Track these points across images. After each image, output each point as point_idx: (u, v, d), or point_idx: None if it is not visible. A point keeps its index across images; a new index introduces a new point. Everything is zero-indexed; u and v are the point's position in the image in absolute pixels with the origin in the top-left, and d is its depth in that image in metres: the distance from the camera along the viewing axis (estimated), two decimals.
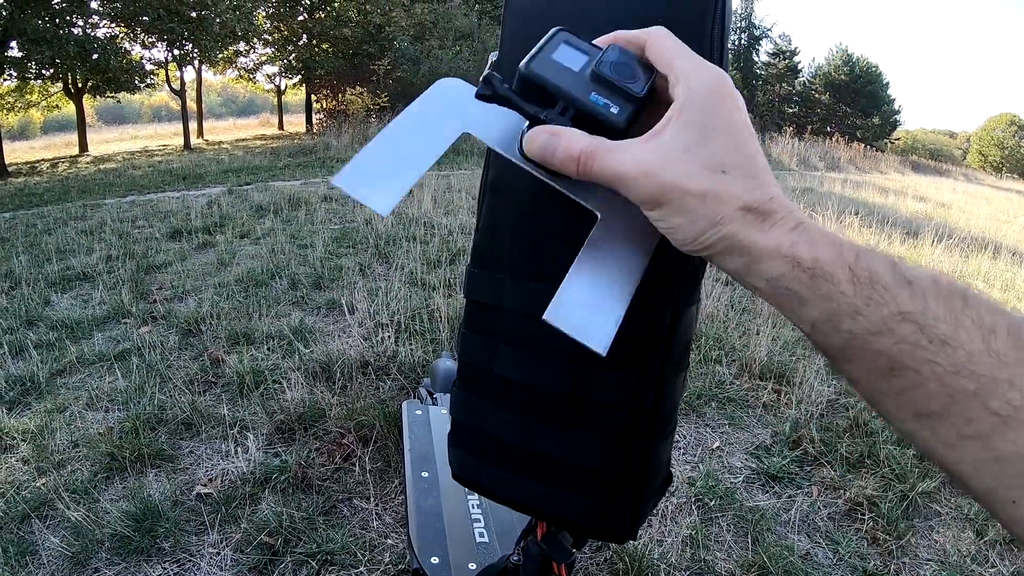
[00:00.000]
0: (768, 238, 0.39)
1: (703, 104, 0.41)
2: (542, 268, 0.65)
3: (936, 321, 0.34)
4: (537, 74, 0.43)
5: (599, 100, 0.43)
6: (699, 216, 0.40)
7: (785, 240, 0.39)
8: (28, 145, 25.63)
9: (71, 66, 17.18)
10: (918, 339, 0.34)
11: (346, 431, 2.63)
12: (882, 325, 0.35)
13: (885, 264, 0.36)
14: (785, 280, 0.39)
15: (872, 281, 0.36)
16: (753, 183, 0.40)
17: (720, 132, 0.41)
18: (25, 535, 2.17)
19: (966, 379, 0.33)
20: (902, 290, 0.35)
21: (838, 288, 0.37)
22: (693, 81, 0.41)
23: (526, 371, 0.68)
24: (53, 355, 3.49)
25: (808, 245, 0.38)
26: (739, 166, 0.40)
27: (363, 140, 15.24)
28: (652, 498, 0.71)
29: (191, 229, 6.34)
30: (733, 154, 0.40)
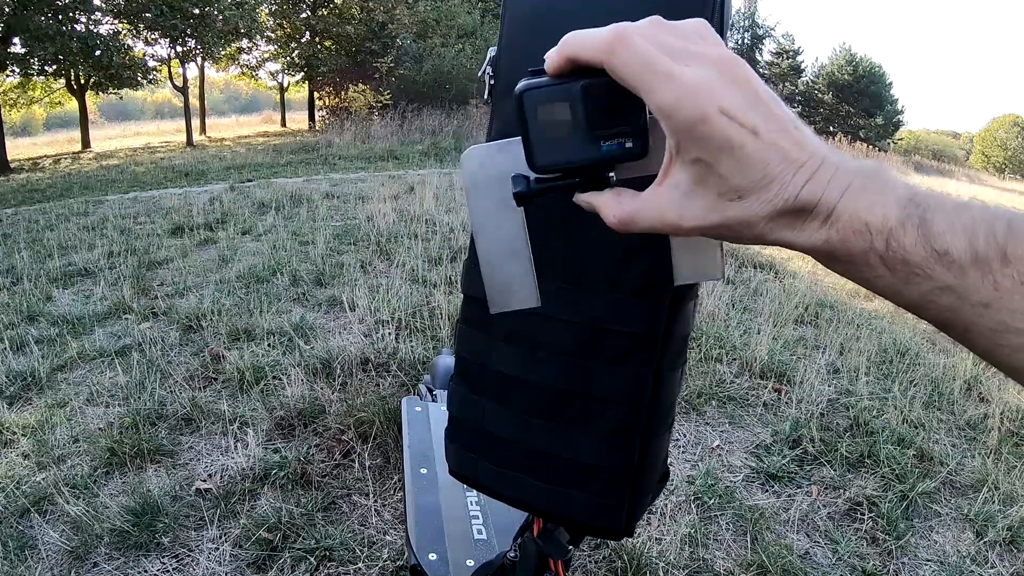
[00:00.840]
0: (802, 238, 0.38)
1: (694, 138, 0.38)
2: (543, 264, 0.65)
3: (975, 288, 0.34)
4: (547, 164, 0.43)
5: (611, 147, 0.42)
6: (737, 236, 0.41)
7: (817, 238, 0.38)
8: (31, 141, 25.64)
9: (74, 63, 17.21)
10: (959, 307, 0.35)
11: (346, 427, 2.63)
12: (922, 299, 0.36)
13: (917, 238, 0.35)
14: (831, 264, 0.39)
15: (905, 263, 0.36)
16: (773, 191, 0.38)
17: (723, 159, 0.38)
18: (25, 529, 2.17)
19: (1012, 335, 0.34)
20: (936, 265, 0.35)
21: (876, 272, 0.37)
22: (675, 117, 0.38)
23: (524, 367, 0.68)
24: (54, 351, 3.49)
25: (840, 240, 0.37)
26: (753, 184, 0.38)
27: (365, 138, 15.27)
28: (649, 495, 0.71)
29: (193, 225, 6.34)
30: (744, 175, 0.38)
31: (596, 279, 0.63)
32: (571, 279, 0.64)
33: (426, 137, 15.59)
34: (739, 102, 0.38)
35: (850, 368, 3.41)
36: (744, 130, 0.37)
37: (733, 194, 0.38)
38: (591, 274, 0.63)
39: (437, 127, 16.49)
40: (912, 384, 3.27)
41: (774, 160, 0.38)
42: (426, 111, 17.49)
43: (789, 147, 0.38)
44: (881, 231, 0.36)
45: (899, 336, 3.96)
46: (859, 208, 0.37)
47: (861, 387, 3.19)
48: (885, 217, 0.36)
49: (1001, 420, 2.92)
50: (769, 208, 0.38)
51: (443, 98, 18.60)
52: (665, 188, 0.41)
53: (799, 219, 0.38)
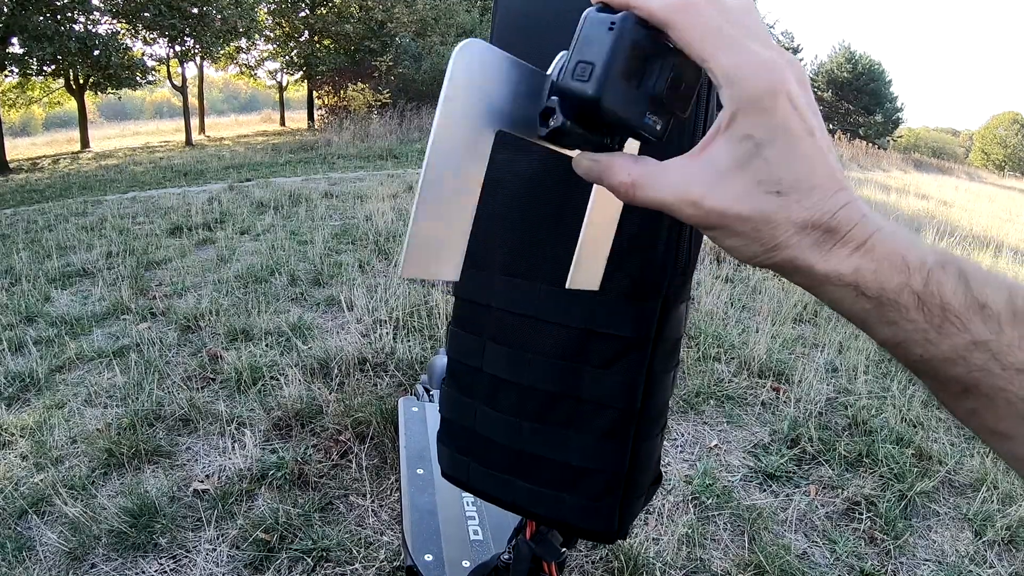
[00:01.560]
0: (828, 263, 0.35)
1: (755, 111, 0.35)
2: (533, 266, 0.65)
3: (1011, 349, 0.32)
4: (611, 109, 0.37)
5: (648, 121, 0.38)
6: (752, 240, 0.37)
7: (847, 265, 0.35)
8: (30, 141, 25.63)
9: (72, 63, 17.21)
10: (992, 367, 0.33)
11: (343, 428, 2.63)
12: (953, 353, 0.34)
13: (957, 286, 0.34)
14: (848, 303, 0.36)
15: (943, 308, 0.33)
16: (814, 198, 0.35)
17: (776, 143, 0.35)
18: (23, 531, 2.17)
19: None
20: (974, 316, 0.33)
21: (906, 316, 0.34)
22: (742, 86, 0.35)
23: (514, 370, 0.67)
24: (52, 351, 3.49)
25: (873, 272, 0.35)
26: (797, 181, 0.35)
27: (364, 136, 15.25)
28: (641, 497, 0.71)
29: (191, 225, 6.34)
30: (790, 168, 0.35)
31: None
32: (561, 281, 0.63)
33: (425, 136, 15.47)
34: (803, 99, 0.36)
35: (849, 367, 3.40)
36: (804, 125, 0.35)
37: (773, 186, 0.35)
38: None
39: None
40: (911, 383, 3.26)
41: (821, 169, 0.35)
42: (425, 110, 17.47)
43: (835, 167, 0.36)
44: (920, 269, 0.34)
45: None
46: (896, 244, 0.35)
47: (860, 386, 3.19)
48: (923, 258, 0.34)
49: None
50: (804, 215, 0.35)
51: None
52: (700, 161, 0.37)
53: (829, 239, 0.35)
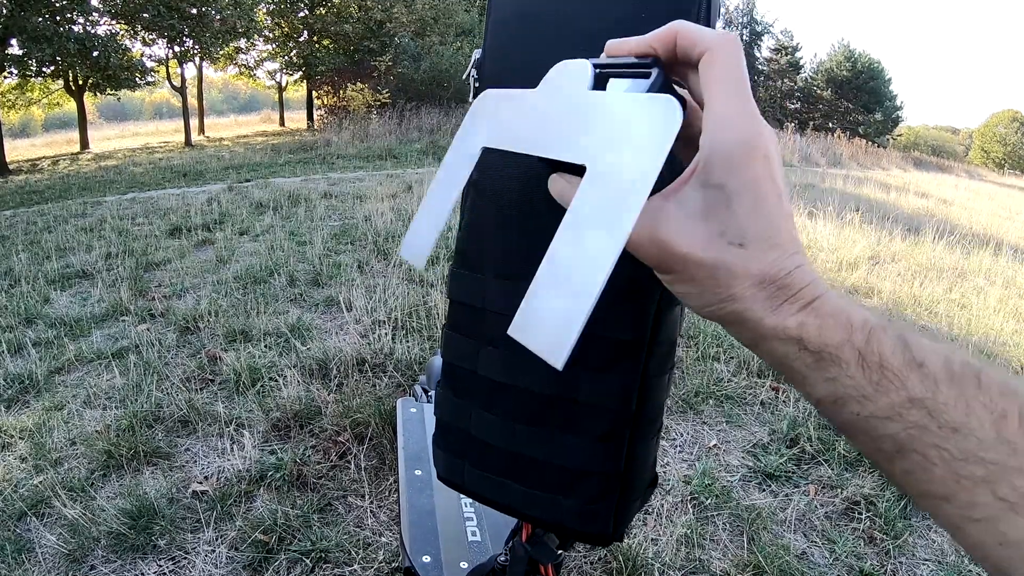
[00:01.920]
0: (776, 317, 0.37)
1: (728, 163, 0.36)
2: (527, 268, 0.65)
3: (947, 407, 0.33)
4: None
5: None
6: (707, 289, 0.38)
7: (792, 321, 0.36)
8: (29, 142, 25.61)
9: (71, 64, 17.20)
10: (927, 424, 0.33)
11: (342, 429, 2.63)
12: (890, 410, 0.34)
13: (896, 346, 0.35)
14: (790, 360, 0.37)
15: (882, 366, 0.34)
16: (774, 255, 0.37)
17: (744, 196, 0.36)
18: (22, 533, 2.17)
19: (975, 465, 0.32)
20: (912, 374, 0.34)
21: (845, 372, 0.35)
22: (722, 133, 0.37)
23: (510, 373, 0.67)
24: (51, 353, 3.49)
25: (817, 327, 0.36)
26: (760, 237, 0.37)
27: (363, 136, 15.27)
28: (638, 500, 0.70)
29: (191, 226, 6.34)
30: (756, 223, 0.36)
31: None
32: None
33: (424, 136, 15.59)
34: (776, 160, 0.37)
35: None
36: (773, 186, 0.37)
37: (737, 238, 0.37)
38: None
39: (435, 125, 16.49)
40: None
41: (782, 230, 0.37)
42: (424, 109, 17.48)
43: (794, 232, 0.38)
44: (862, 327, 0.35)
45: None
46: (841, 305, 0.36)
47: None
48: (865, 318, 0.36)
49: None
50: (763, 269, 0.37)
51: (441, 96, 18.59)
52: (671, 203, 0.38)
53: (781, 295, 0.37)
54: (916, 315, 4.52)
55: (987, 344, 3.81)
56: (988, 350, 3.72)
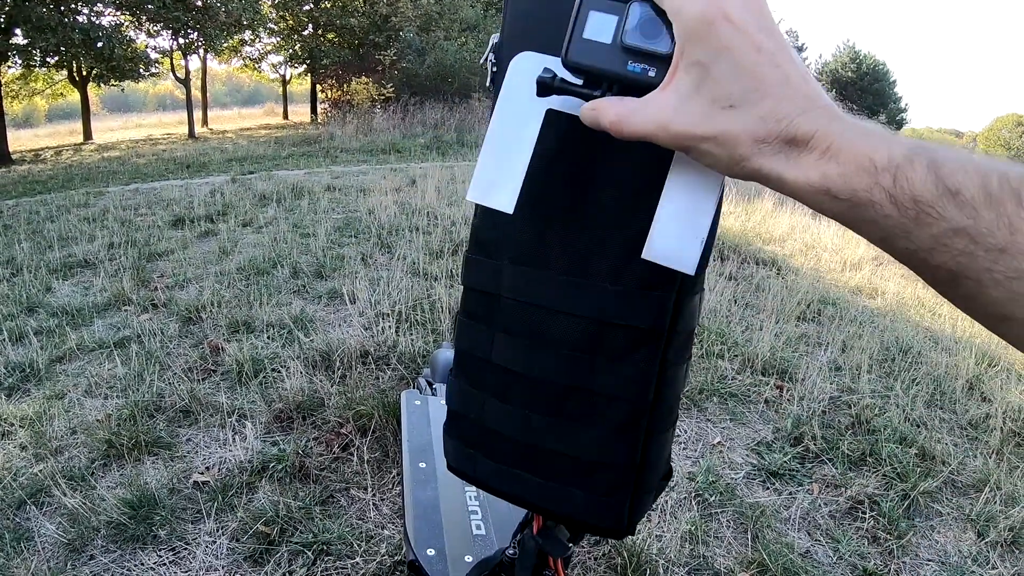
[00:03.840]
0: (797, 171, 0.38)
1: (696, 38, 0.39)
2: (545, 255, 0.63)
3: (990, 230, 0.32)
4: (576, 63, 0.46)
5: (636, 68, 0.44)
6: (719, 157, 0.40)
7: (814, 172, 0.37)
8: (32, 133, 25.61)
9: (75, 54, 17.17)
10: (973, 250, 0.33)
11: (345, 421, 2.62)
12: (934, 242, 0.34)
13: (927, 177, 0.34)
14: (826, 206, 0.38)
15: (916, 200, 0.34)
16: (766, 106, 0.38)
17: (720, 62, 0.38)
18: (21, 521, 2.16)
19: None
20: (948, 204, 0.33)
21: (882, 212, 0.35)
22: (684, 15, 0.39)
23: (525, 361, 0.66)
24: (53, 342, 3.48)
25: (840, 175, 0.36)
26: (746, 92, 0.38)
27: (367, 130, 15.25)
28: (652, 493, 0.69)
29: (194, 217, 6.33)
30: (738, 81, 0.38)
31: (601, 271, 0.61)
32: (575, 271, 0.62)
33: (428, 130, 15.56)
34: (747, 18, 0.38)
35: (852, 366, 3.39)
36: (746, 40, 0.38)
37: (725, 101, 0.38)
38: (596, 266, 0.61)
39: (439, 120, 16.46)
40: (914, 383, 3.25)
41: (771, 78, 0.38)
42: (428, 104, 17.45)
43: (793, 75, 0.38)
44: (887, 167, 0.35)
45: (901, 334, 3.94)
46: (861, 146, 0.36)
47: (863, 385, 3.17)
48: (891, 155, 0.35)
49: (1003, 420, 2.91)
50: (759, 125, 0.38)
51: (445, 91, 18.56)
52: (667, 91, 0.41)
53: (793, 148, 0.38)
54: (919, 317, 4.50)
55: (990, 347, 3.80)
56: (991, 353, 3.70)
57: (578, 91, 0.47)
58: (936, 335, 4.05)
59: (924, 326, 4.23)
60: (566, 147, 0.59)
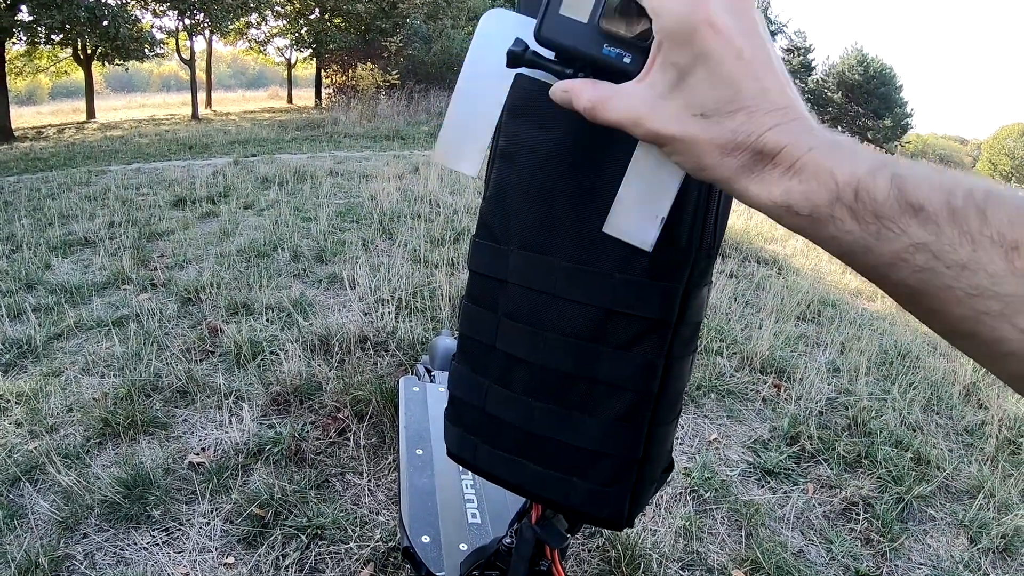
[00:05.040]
0: (759, 185, 0.37)
1: (675, 40, 0.38)
2: (552, 242, 0.63)
3: (952, 247, 0.32)
4: (549, 39, 0.44)
5: (611, 52, 0.43)
6: (686, 160, 0.40)
7: (777, 188, 0.37)
8: (35, 110, 25.57)
9: (80, 32, 17.09)
10: (935, 266, 0.32)
11: (342, 405, 2.62)
12: (895, 258, 0.34)
13: (890, 192, 0.33)
14: (787, 222, 0.37)
15: (877, 216, 0.34)
16: (737, 120, 0.37)
17: (697, 70, 0.38)
18: (15, 498, 2.16)
19: (991, 300, 0.31)
20: (911, 220, 0.33)
21: (843, 228, 0.35)
22: (664, 16, 0.38)
23: (529, 348, 0.65)
24: (51, 319, 3.47)
25: (802, 192, 0.36)
26: (719, 104, 0.38)
27: (371, 116, 15.21)
28: (653, 485, 0.69)
29: (195, 198, 6.32)
30: (712, 92, 0.38)
31: (608, 259, 0.60)
32: (583, 258, 0.61)
33: (432, 118, 15.53)
34: (731, 23, 0.37)
35: (850, 368, 3.39)
36: (728, 48, 0.37)
37: (698, 109, 0.38)
38: (603, 254, 0.60)
39: (444, 108, 16.33)
40: (912, 387, 3.25)
41: (749, 90, 0.37)
42: (433, 92, 17.40)
43: (771, 86, 0.38)
44: (849, 182, 0.34)
45: (900, 338, 3.94)
46: (825, 161, 0.35)
47: (861, 387, 3.17)
48: (854, 170, 0.35)
49: (999, 427, 2.91)
50: (728, 137, 0.38)
51: (451, 80, 18.46)
52: (643, 84, 0.41)
53: (759, 163, 0.37)
54: (918, 322, 4.49)
55: None
56: None
57: (550, 67, 0.46)
58: (934, 340, 4.04)
59: (922, 331, 4.22)
60: (575, 135, 0.59)
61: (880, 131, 33.46)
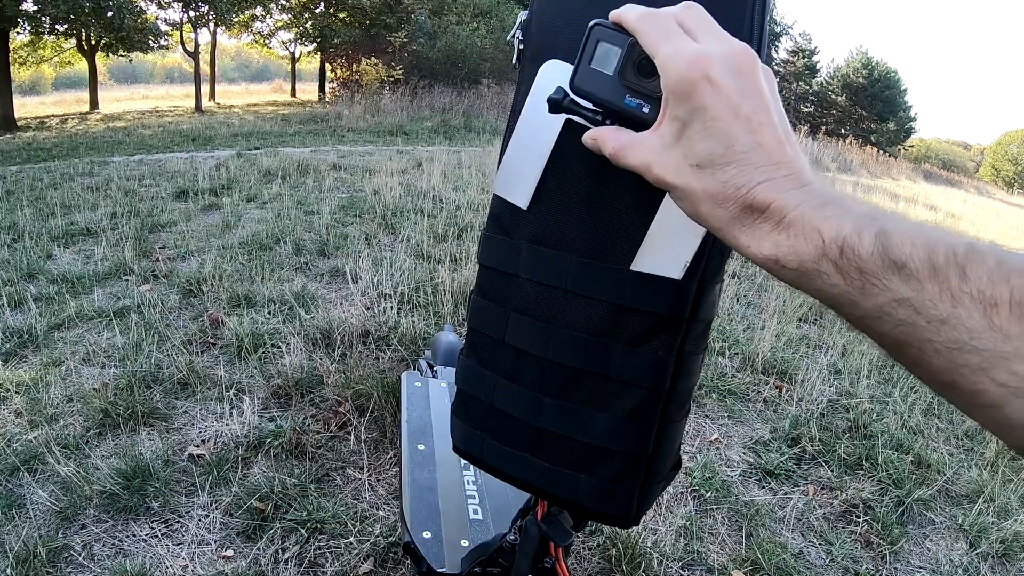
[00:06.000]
0: (749, 238, 0.39)
1: (677, 96, 0.41)
2: (565, 237, 0.62)
3: (933, 303, 0.33)
4: (581, 89, 0.49)
5: (632, 103, 0.47)
6: (685, 206, 0.43)
7: (767, 242, 0.39)
8: (39, 100, 25.49)
9: (85, 23, 17.04)
10: (916, 320, 0.34)
11: (343, 399, 2.61)
12: (879, 311, 0.35)
13: (874, 250, 0.35)
14: (776, 273, 0.39)
15: (861, 272, 0.35)
16: (729, 172, 0.40)
17: (695, 123, 0.40)
18: (14, 488, 2.15)
19: (970, 354, 0.32)
20: (893, 276, 0.34)
21: (829, 282, 0.37)
22: (668, 73, 0.41)
23: (539, 343, 0.65)
24: (52, 309, 3.47)
25: (790, 247, 0.38)
26: (712, 156, 0.40)
27: (375, 111, 15.19)
28: (661, 483, 0.69)
29: (198, 190, 6.31)
30: (706, 144, 0.40)
31: (621, 255, 0.60)
32: (595, 254, 0.61)
33: (436, 114, 15.51)
34: (731, 81, 0.40)
35: (852, 370, 3.38)
36: (724, 104, 0.40)
37: (694, 159, 0.41)
38: (616, 250, 0.60)
39: (447, 105, 16.40)
40: (912, 390, 3.25)
41: (743, 145, 0.39)
42: (437, 88, 17.39)
43: (767, 143, 0.40)
44: (835, 239, 0.36)
45: None
46: (813, 218, 0.37)
47: (862, 390, 3.17)
48: (840, 228, 0.36)
49: None
50: (719, 188, 0.40)
51: (455, 76, 18.47)
52: (655, 135, 0.44)
53: (749, 216, 0.39)
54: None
55: None
56: None
57: (584, 114, 0.51)
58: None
59: None
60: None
61: (883, 135, 33.39)
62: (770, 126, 0.40)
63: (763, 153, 0.39)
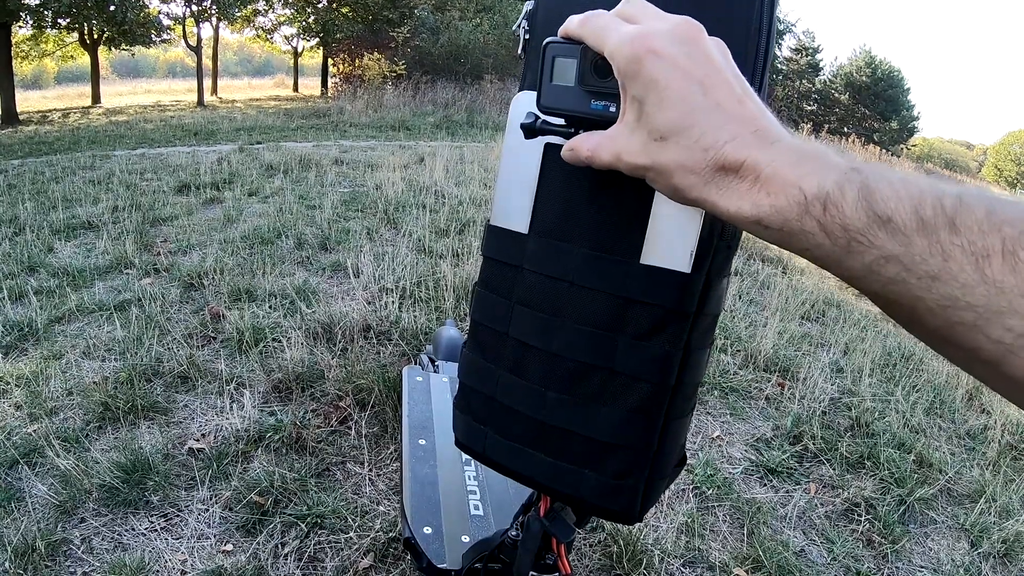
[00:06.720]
0: (728, 200, 0.38)
1: (628, 76, 0.41)
2: (571, 228, 0.61)
3: (923, 258, 0.32)
4: (550, 108, 0.50)
5: (598, 106, 0.47)
6: (661, 186, 0.42)
7: (746, 202, 0.37)
8: (41, 94, 25.50)
9: (87, 17, 17.04)
10: (906, 278, 0.32)
11: (344, 394, 2.61)
12: (866, 270, 0.34)
13: (858, 205, 0.33)
14: (760, 234, 0.38)
15: (846, 229, 0.34)
16: (692, 136, 0.39)
17: (648, 97, 0.40)
18: (13, 481, 2.15)
19: (963, 311, 0.31)
20: (879, 232, 0.33)
21: (814, 241, 0.35)
22: (617, 59, 0.41)
23: (544, 336, 0.64)
24: (53, 302, 3.46)
25: (771, 207, 0.36)
26: (672, 124, 0.39)
27: (377, 106, 15.17)
28: (665, 479, 0.68)
29: (199, 184, 6.30)
30: (664, 114, 0.39)
31: (628, 248, 0.59)
32: (601, 247, 0.60)
33: (438, 109, 15.48)
34: (676, 50, 0.40)
35: (854, 368, 3.38)
36: (672, 71, 0.39)
37: (656, 133, 0.40)
38: (622, 243, 0.59)
39: (450, 100, 16.38)
40: (915, 389, 3.24)
41: (700, 106, 0.39)
42: (440, 84, 17.37)
43: (726, 101, 0.39)
44: (817, 196, 0.35)
45: (904, 340, 3.93)
46: (792, 174, 0.36)
47: (864, 388, 3.16)
48: (821, 184, 0.35)
49: (1002, 433, 2.90)
50: (687, 156, 0.39)
51: (457, 72, 18.46)
52: (620, 125, 0.44)
53: (724, 177, 0.38)
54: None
55: None
56: None
57: (557, 131, 0.52)
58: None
59: None
60: None
61: (886, 133, 33.34)
62: (725, 84, 0.39)
63: (723, 112, 0.39)
